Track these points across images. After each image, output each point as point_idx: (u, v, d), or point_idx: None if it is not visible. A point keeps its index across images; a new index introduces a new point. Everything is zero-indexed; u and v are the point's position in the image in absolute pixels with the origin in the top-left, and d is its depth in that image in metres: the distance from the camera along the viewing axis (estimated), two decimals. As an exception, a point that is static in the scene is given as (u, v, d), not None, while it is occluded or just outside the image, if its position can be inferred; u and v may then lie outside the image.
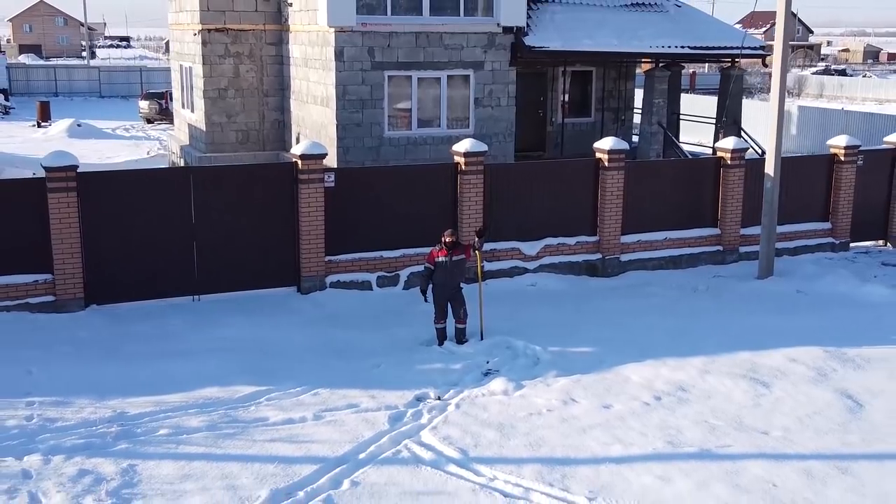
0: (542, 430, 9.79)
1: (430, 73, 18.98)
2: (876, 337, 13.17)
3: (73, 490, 8.08)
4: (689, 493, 8.41)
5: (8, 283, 12.64)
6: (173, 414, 9.88)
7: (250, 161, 21.37)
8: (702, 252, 16.93)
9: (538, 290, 15.25)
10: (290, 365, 11.45)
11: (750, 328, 13.42)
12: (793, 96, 67.05)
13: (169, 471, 8.56)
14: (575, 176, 15.92)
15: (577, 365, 11.72)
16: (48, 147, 31.59)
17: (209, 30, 20.93)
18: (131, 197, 13.21)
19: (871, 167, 18.27)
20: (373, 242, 14.61)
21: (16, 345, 11.69)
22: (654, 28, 21.02)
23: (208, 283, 13.71)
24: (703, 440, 9.62)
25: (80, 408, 9.92)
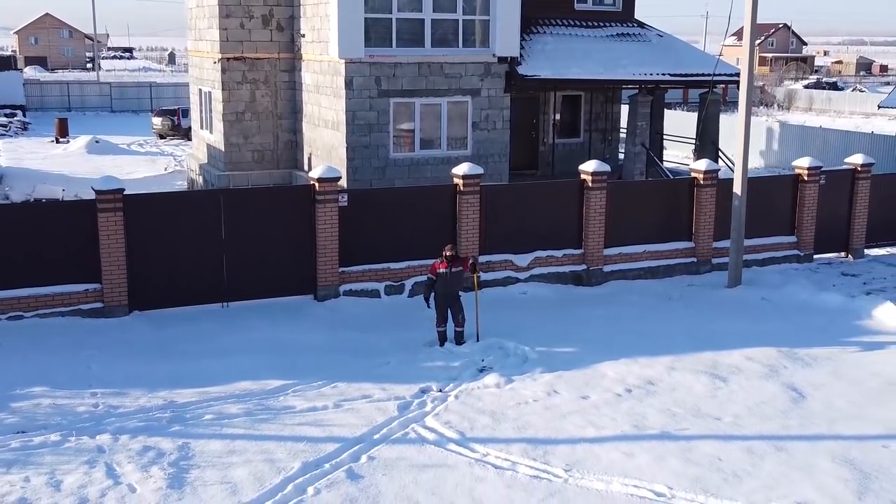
0: (528, 416, 11.55)
1: (431, 100, 20.81)
2: (825, 339, 14.93)
3: (141, 462, 9.84)
4: (647, 466, 10.17)
5: (63, 292, 14.41)
6: (215, 403, 11.64)
7: (265, 179, 23.22)
8: (677, 263, 18.71)
9: (528, 297, 17.02)
10: (311, 362, 13.21)
11: (715, 331, 15.18)
12: (783, 110, 68.98)
13: (217, 447, 10.31)
14: (562, 195, 17.73)
15: (561, 363, 13.48)
16: (69, 163, 33.51)
17: (228, 58, 22.75)
18: (169, 216, 15.01)
19: (833, 186, 20.07)
20: (381, 255, 16.37)
21: (74, 345, 13.46)
22: (636, 57, 22.86)
23: (236, 292, 15.48)
24: (664, 424, 11.38)
25: (136, 398, 11.68)
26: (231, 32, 22.68)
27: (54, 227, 14.39)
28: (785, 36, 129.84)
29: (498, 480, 9.76)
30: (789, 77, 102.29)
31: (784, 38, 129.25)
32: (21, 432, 10.41)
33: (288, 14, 22.88)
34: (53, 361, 12.70)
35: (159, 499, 9.03)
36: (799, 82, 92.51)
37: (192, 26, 25.98)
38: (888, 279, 19.00)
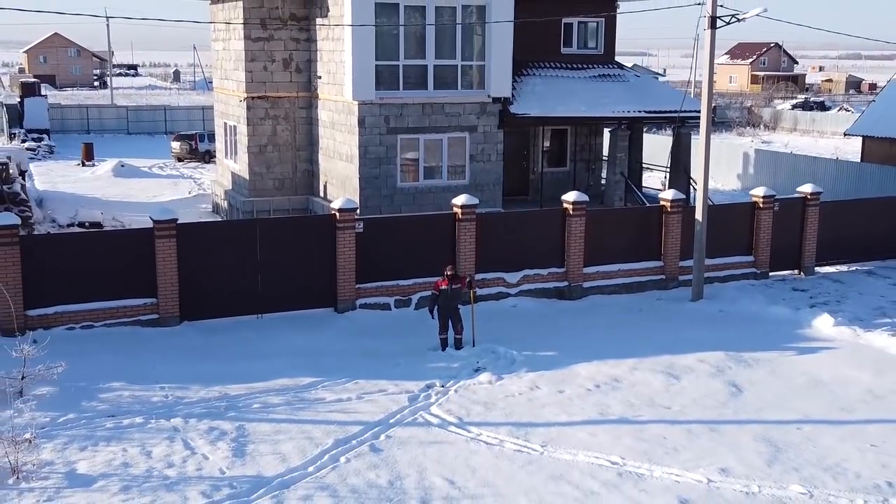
0: (513, 405, 14.29)
1: (433, 136, 23.63)
2: (768, 345, 17.68)
3: (209, 438, 12.57)
4: (607, 443, 12.90)
5: (125, 306, 17.16)
6: (260, 395, 14.37)
7: (285, 204, 26.03)
8: (648, 280, 21.46)
9: (517, 310, 19.77)
10: (335, 363, 15.94)
11: (675, 338, 17.92)
12: (769, 130, 71.84)
13: (266, 429, 13.04)
14: (547, 221, 20.52)
15: (542, 364, 16.22)
16: (99, 186, 36.27)
17: (253, 97, 25.58)
18: (214, 241, 17.80)
19: (786, 211, 22.84)
20: (391, 274, 19.11)
21: (138, 350, 16.20)
22: (616, 96, 25.70)
23: (268, 305, 18.23)
24: (623, 412, 14.12)
25: (196, 391, 14.41)
26: (255, 74, 25.51)
27: (119, 250, 17.17)
28: (776, 55, 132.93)
29: (488, 453, 12.50)
30: (778, 96, 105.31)
31: (775, 57, 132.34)
32: (111, 416, 13.15)
33: (306, 58, 25.72)
34: (125, 362, 15.44)
35: (228, 464, 11.77)
36: (787, 101, 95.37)
37: (219, 66, 28.83)
38: (832, 294, 21.74)
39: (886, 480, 11.85)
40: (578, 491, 11.36)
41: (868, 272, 23.88)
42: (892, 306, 20.71)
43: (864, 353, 17.37)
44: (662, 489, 11.48)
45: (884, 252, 24.56)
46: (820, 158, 36.82)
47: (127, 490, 10.88)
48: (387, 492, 11.18)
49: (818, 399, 14.94)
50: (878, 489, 11.60)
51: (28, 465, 11.15)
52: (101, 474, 11.27)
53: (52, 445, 11.93)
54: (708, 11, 19.71)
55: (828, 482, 11.78)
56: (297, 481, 11.38)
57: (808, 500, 11.31)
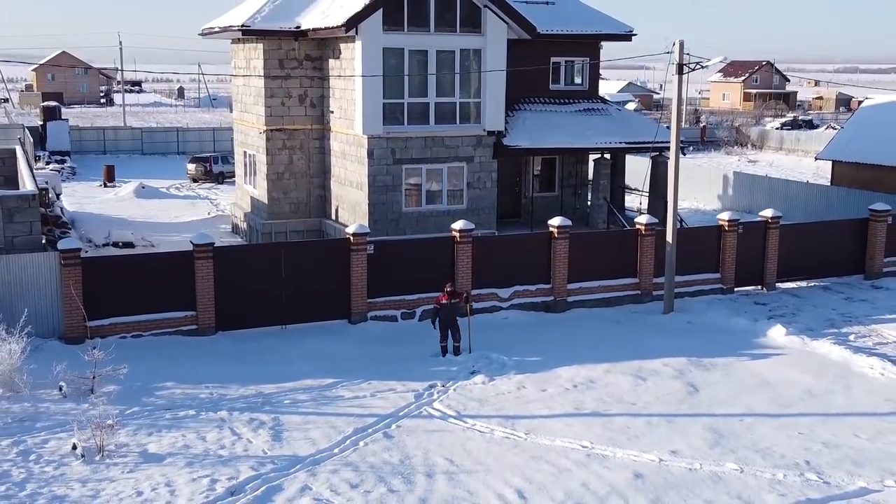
0: (503, 402, 16.97)
1: (434, 166, 26.39)
2: (726, 351, 20.35)
3: (250, 427, 15.23)
4: (580, 431, 15.56)
5: (169, 317, 19.85)
6: (289, 393, 17.04)
7: (300, 226, 28.76)
8: (625, 295, 24.15)
9: (509, 321, 22.45)
10: (351, 367, 18.60)
11: (646, 346, 20.59)
12: (756, 149, 74.65)
13: (296, 420, 15.71)
14: (535, 243, 23.23)
15: (529, 367, 18.89)
16: (123, 207, 38.95)
17: (271, 130, 28.34)
18: (245, 261, 20.52)
19: (749, 233, 25.56)
20: (398, 289, 21.77)
21: (182, 355, 18.88)
22: (599, 128, 28.48)
23: (291, 317, 20.90)
24: (595, 407, 16.79)
25: (235, 389, 17.09)
26: (274, 109, 28.28)
27: (163, 270, 19.89)
28: (768, 73, 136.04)
29: (481, 439, 15.17)
30: (768, 114, 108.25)
31: (767, 75, 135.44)
32: (168, 409, 15.82)
33: (319, 94, 28.49)
34: (172, 366, 18.12)
35: (269, 446, 14.44)
36: (776, 120, 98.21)
37: (238, 100, 31.61)
38: (789, 307, 24.44)
39: (805, 460, 14.53)
40: (554, 468, 14.02)
41: (824, 288, 26.59)
42: (841, 318, 23.42)
43: (809, 358, 20.05)
44: (622, 466, 14.15)
45: (840, 269, 27.25)
46: (792, 181, 39.59)
47: (191, 465, 13.56)
48: (398, 468, 13.85)
49: (762, 397, 17.61)
50: (797, 466, 14.28)
51: (110, 446, 13.82)
52: (168, 453, 13.96)
53: (124, 432, 14.59)
54: (676, 60, 22.50)
55: (757, 461, 14.46)
56: (326, 459, 14.07)
57: (740, 474, 13.97)
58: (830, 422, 16.31)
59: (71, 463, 13.44)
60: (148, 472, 13.24)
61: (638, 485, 13.49)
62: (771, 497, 13.22)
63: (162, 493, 12.58)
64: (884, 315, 23.67)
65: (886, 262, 27.53)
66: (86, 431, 14.02)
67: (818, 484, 13.72)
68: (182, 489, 12.75)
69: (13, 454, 13.65)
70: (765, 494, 13.29)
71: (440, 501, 12.78)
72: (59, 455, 13.71)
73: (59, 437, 14.35)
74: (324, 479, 13.33)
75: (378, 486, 13.14)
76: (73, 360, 16.92)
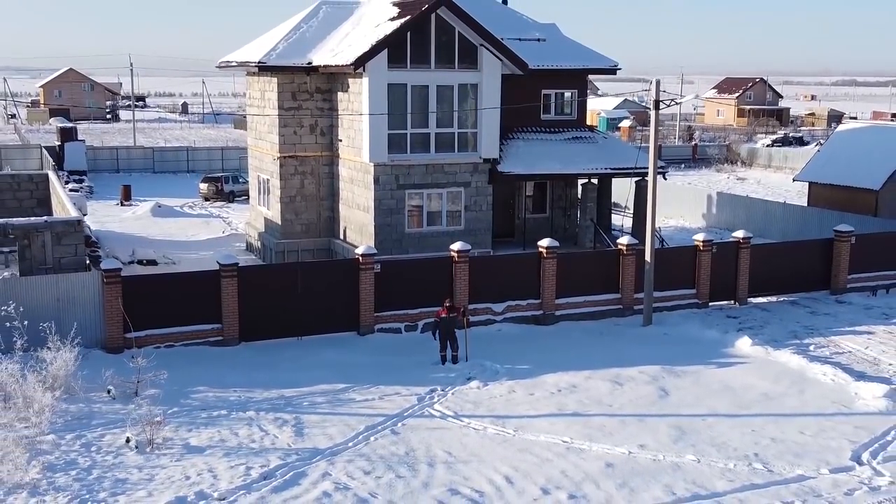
0: (495, 404, 19.33)
1: (435, 191, 28.81)
2: (697, 360, 22.70)
3: (275, 424, 17.60)
4: (561, 429, 17.92)
5: (198, 329, 22.23)
6: (307, 396, 19.41)
7: (311, 245, 31.19)
8: (608, 309, 26.52)
9: (502, 333, 24.81)
10: (361, 373, 20.96)
11: (624, 355, 22.93)
12: (745, 166, 77.10)
13: (315, 419, 18.07)
14: (526, 262, 25.63)
15: (519, 374, 21.25)
16: (142, 226, 41.33)
17: (284, 157, 30.79)
18: (265, 279, 22.94)
19: (723, 252, 27.95)
20: (402, 304, 24.13)
21: (210, 364, 21.25)
22: (586, 155, 30.93)
23: (306, 329, 23.27)
24: (576, 409, 19.15)
25: (260, 393, 19.44)
26: (287, 137, 30.73)
27: (192, 287, 22.29)
28: (762, 89, 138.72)
29: (475, 435, 17.53)
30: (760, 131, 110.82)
31: (761, 91, 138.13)
32: (204, 409, 18.19)
33: (328, 124, 30.95)
34: (203, 373, 20.49)
35: (293, 440, 16.80)
36: (767, 137, 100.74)
37: (253, 128, 34.07)
38: (758, 320, 26.81)
39: (754, 452, 16.89)
40: (537, 459, 16.38)
41: (792, 302, 28.97)
42: (804, 330, 25.80)
43: (770, 366, 22.40)
44: (596, 458, 16.51)
45: (807, 285, 29.61)
46: (770, 201, 42.03)
47: (228, 455, 15.93)
48: (404, 458, 16.21)
49: (724, 400, 19.97)
50: (747, 457, 16.64)
51: (158, 440, 16.18)
52: (207, 446, 16.33)
53: (168, 428, 16.93)
54: (653, 97, 24.97)
55: (713, 453, 16.82)
56: (342, 451, 16.43)
57: (696, 464, 16.33)
58: (780, 421, 18.67)
59: (126, 453, 15.82)
60: (192, 461, 15.62)
61: (608, 472, 15.85)
62: (721, 483, 15.58)
63: (206, 478, 14.96)
64: (843, 327, 26.03)
65: (850, 279, 29.89)
66: (136, 427, 16.40)
67: (763, 472, 16.08)
68: (223, 474, 15.12)
69: (77, 446, 16.03)
70: (716, 480, 15.65)
71: (440, 485, 15.14)
72: (115, 447, 16.08)
73: (113, 432, 16.72)
74: (341, 467, 15.70)
75: (387, 473, 15.51)
76: (116, 367, 19.31)
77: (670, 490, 15.24)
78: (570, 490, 15.12)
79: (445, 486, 15.13)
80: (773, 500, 14.97)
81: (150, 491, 14.40)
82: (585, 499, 14.86)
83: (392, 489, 14.93)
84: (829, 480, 15.79)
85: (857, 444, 17.39)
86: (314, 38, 30.87)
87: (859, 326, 26.10)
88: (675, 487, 15.35)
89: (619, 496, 14.96)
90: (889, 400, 19.83)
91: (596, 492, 15.10)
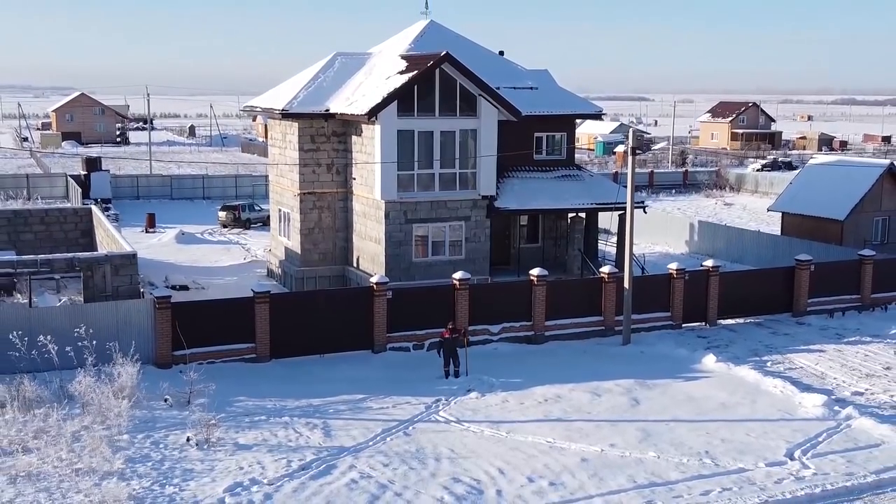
0: (491, 411, 22.83)
1: (439, 224, 32.42)
2: (666, 374, 26.18)
3: (307, 427, 21.10)
4: (546, 431, 21.40)
5: (235, 348, 25.78)
6: (332, 405, 22.90)
7: (327, 272, 34.76)
8: (592, 330, 30.04)
9: (497, 351, 28.33)
10: (376, 386, 24.46)
11: (604, 370, 26.41)
12: (734, 191, 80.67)
13: (340, 423, 21.58)
14: (518, 289, 29.21)
15: (512, 387, 24.74)
16: (169, 252, 44.87)
17: (304, 193, 34.42)
18: (292, 305, 26.52)
19: (695, 279, 31.49)
20: (410, 325, 27.64)
21: (247, 377, 24.74)
22: (575, 191, 34.57)
23: (328, 347, 26.80)
24: (559, 415, 22.64)
25: (291, 402, 22.93)
26: (306, 176, 34.37)
27: (230, 311, 25.85)
28: (755, 113, 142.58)
29: (474, 436, 21.03)
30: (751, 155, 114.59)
31: (754, 115, 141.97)
32: (247, 415, 21.70)
33: (343, 163, 34.60)
34: (242, 385, 24.00)
35: (322, 440, 20.31)
36: (758, 161, 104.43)
37: (275, 165, 37.73)
38: (724, 340, 30.30)
39: (705, 450, 20.37)
40: (525, 455, 19.86)
41: (757, 324, 32.48)
42: (764, 348, 29.29)
43: (730, 380, 25.87)
44: (573, 454, 20.00)
45: (772, 308, 33.11)
46: (746, 230, 45.60)
47: (271, 451, 19.44)
48: (415, 454, 19.70)
49: (687, 408, 23.45)
50: (699, 454, 20.12)
51: (213, 439, 19.69)
52: (253, 444, 19.85)
53: (219, 430, 20.43)
54: (629, 144, 28.62)
55: (671, 451, 20.30)
56: (364, 449, 19.94)
57: (657, 459, 19.82)
58: (732, 425, 22.14)
59: (188, 449, 19.33)
60: (243, 456, 19.13)
61: (583, 465, 19.34)
62: (674, 473, 19.06)
63: (256, 468, 18.47)
64: (799, 346, 29.53)
65: (810, 303, 33.40)
66: (194, 429, 19.92)
67: (710, 465, 19.56)
68: (269, 465, 18.63)
69: (148, 444, 19.55)
70: (671, 472, 19.14)
71: (445, 475, 18.63)
72: (178, 444, 19.60)
73: (175, 433, 20.23)
74: (364, 461, 19.21)
75: (402, 465, 19.01)
76: (169, 380, 22.84)
77: (633, 479, 18.73)
78: (550, 479, 18.61)
79: (449, 475, 18.62)
80: (716, 487, 18.45)
81: (212, 478, 17.92)
82: (563, 485, 18.35)
83: (406, 478, 18.43)
84: (764, 472, 19.26)
85: (792, 444, 20.88)
86: (331, 87, 34.57)
87: (813, 345, 29.61)
88: (637, 477, 18.83)
89: (590, 483, 18.45)
90: (826, 408, 23.32)
91: (572, 480, 18.59)
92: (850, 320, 33.06)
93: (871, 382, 25.79)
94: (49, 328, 22.97)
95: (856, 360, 28.01)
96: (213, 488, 17.45)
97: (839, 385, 25.58)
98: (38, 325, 23.23)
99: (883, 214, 42.34)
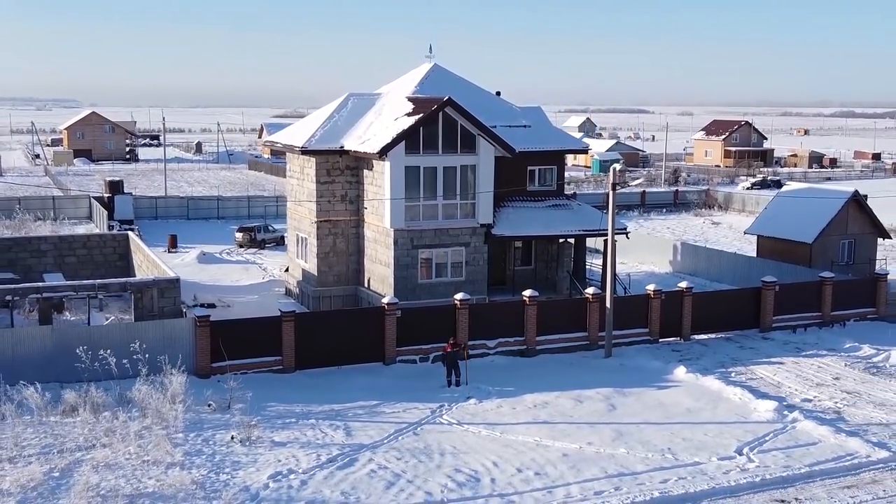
0: (487, 415, 26.60)
1: (441, 250, 36.26)
2: (641, 384, 29.93)
3: (331, 428, 24.87)
4: (534, 432, 25.17)
5: (264, 360, 29.54)
6: (350, 409, 26.66)
7: (340, 292, 38.59)
8: (577, 344, 33.81)
9: (494, 364, 32.09)
10: (388, 393, 28.22)
11: (586, 380, 30.16)
12: (722, 210, 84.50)
13: (358, 424, 25.34)
14: (512, 308, 33.01)
15: (506, 395, 28.49)
16: (192, 272, 48.59)
17: (320, 221, 38.28)
18: (314, 322, 30.33)
19: (671, 299, 35.28)
20: (417, 340, 31.42)
21: (276, 386, 28.50)
22: (564, 219, 38.42)
23: (344, 359, 30.57)
24: (546, 419, 26.40)
25: (316, 407, 26.69)
26: (322, 205, 38.23)
27: (260, 328, 29.67)
28: (747, 131, 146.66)
29: (473, 436, 24.80)
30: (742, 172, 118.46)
31: (746, 133, 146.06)
32: (279, 418, 25.46)
33: (356, 194, 38.46)
34: (272, 392, 27.76)
35: (344, 439, 24.07)
36: (748, 179, 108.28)
37: (293, 196, 41.59)
38: (696, 353, 34.06)
39: (668, 447, 24.14)
40: (515, 451, 23.63)
41: (727, 339, 36.24)
42: (731, 361, 33.04)
43: (696, 389, 29.64)
44: (556, 450, 23.77)
45: (741, 324, 36.86)
46: (724, 252, 49.44)
47: (303, 447, 23.22)
48: (423, 450, 23.48)
49: (656, 412, 27.20)
50: (661, 451, 23.89)
51: (253, 437, 23.47)
52: (287, 441, 23.62)
53: (257, 430, 24.17)
54: (610, 181, 32.49)
55: (639, 448, 24.07)
56: (380, 446, 23.72)
57: (626, 454, 23.58)
58: (693, 427, 25.91)
59: (234, 446, 23.11)
60: (280, 451, 22.91)
61: (564, 459, 23.11)
62: (640, 466, 22.83)
63: (291, 461, 22.25)
64: (761, 359, 33.30)
65: (776, 320, 37.15)
66: (237, 429, 23.71)
67: (671, 459, 23.34)
68: (302, 459, 22.42)
69: (199, 441, 23.33)
70: (637, 464, 22.91)
71: (448, 466, 22.40)
72: (224, 442, 23.38)
73: (220, 432, 24.01)
74: (381, 455, 23.00)
75: (412, 459, 22.80)
76: (210, 388, 26.63)
77: (605, 470, 22.50)
78: (536, 470, 22.39)
79: (452, 467, 22.38)
80: (673, 476, 22.22)
81: (257, 468, 21.71)
82: (546, 475, 22.12)
83: (416, 469, 22.21)
84: (715, 465, 23.03)
85: (742, 442, 24.64)
86: (344, 125, 38.47)
87: (774, 358, 33.39)
88: (609, 469, 22.60)
89: (569, 473, 22.22)
90: (776, 412, 27.08)
91: (553, 471, 22.36)
92: (811, 335, 36.83)
93: (820, 391, 29.56)
94: (108, 343, 26.79)
95: (810, 371, 31.78)
96: (259, 476, 21.25)
97: (792, 393, 29.35)
98: (98, 340, 27.04)
99: (849, 237, 46.05)
